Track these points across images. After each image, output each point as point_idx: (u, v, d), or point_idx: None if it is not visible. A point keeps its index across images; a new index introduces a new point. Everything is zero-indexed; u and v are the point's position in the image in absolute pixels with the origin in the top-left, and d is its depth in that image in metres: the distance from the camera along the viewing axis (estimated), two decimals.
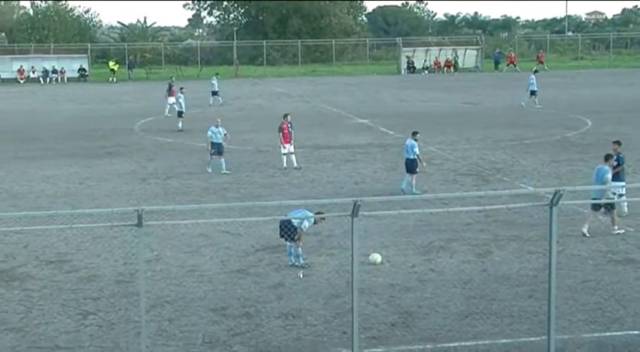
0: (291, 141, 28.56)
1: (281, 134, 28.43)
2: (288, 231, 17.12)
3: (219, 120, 29.21)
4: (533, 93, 46.37)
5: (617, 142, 21.29)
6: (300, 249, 17.33)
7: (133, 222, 11.64)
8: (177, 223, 17.50)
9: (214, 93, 51.52)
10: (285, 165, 28.30)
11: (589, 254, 17.97)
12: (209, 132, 28.48)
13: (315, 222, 16.95)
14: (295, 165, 28.31)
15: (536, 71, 49.42)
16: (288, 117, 29.27)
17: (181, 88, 41.30)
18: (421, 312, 14.65)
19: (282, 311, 14.79)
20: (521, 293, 15.51)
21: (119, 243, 18.77)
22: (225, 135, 28.65)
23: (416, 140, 24.38)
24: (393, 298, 15.38)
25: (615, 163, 20.39)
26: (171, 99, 45.84)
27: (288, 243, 17.46)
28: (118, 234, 18.94)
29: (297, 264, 17.27)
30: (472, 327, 13.92)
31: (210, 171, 27.83)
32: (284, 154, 28.43)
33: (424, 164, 24.90)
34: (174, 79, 50.38)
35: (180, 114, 39.55)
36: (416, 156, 24.14)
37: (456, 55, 79.44)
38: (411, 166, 24.22)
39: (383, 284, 16.09)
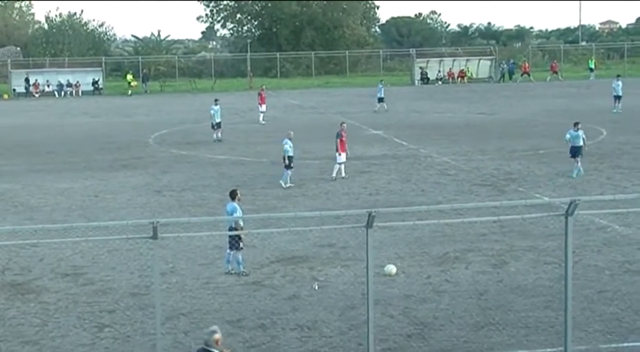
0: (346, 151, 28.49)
1: (339, 141, 28.22)
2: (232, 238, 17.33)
3: (291, 132, 28.39)
4: (618, 98, 46.45)
5: None
6: (240, 255, 17.56)
7: (148, 235, 11.68)
8: (192, 235, 17.52)
9: (380, 99, 51.85)
10: (334, 174, 28.20)
11: (605, 264, 17.88)
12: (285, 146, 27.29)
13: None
14: (343, 174, 28.23)
15: (619, 76, 48.62)
16: (344, 125, 29.23)
17: (216, 100, 40.95)
18: (437, 323, 14.60)
19: (298, 322, 14.78)
20: (538, 303, 15.44)
21: (134, 255, 18.82)
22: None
23: (579, 129, 27.79)
24: (409, 309, 15.34)
25: None
26: (263, 107, 46.84)
27: (229, 251, 17.69)
28: (133, 247, 18.96)
29: (237, 271, 17.58)
30: (488, 338, 13.87)
31: (285, 186, 26.90)
32: (339, 163, 28.25)
33: (586, 147, 28.12)
34: (264, 87, 50.75)
35: (216, 125, 39.14)
36: (583, 142, 27.73)
37: (504, 64, 79.39)
38: (578, 152, 27.56)
39: (398, 296, 16.06)
